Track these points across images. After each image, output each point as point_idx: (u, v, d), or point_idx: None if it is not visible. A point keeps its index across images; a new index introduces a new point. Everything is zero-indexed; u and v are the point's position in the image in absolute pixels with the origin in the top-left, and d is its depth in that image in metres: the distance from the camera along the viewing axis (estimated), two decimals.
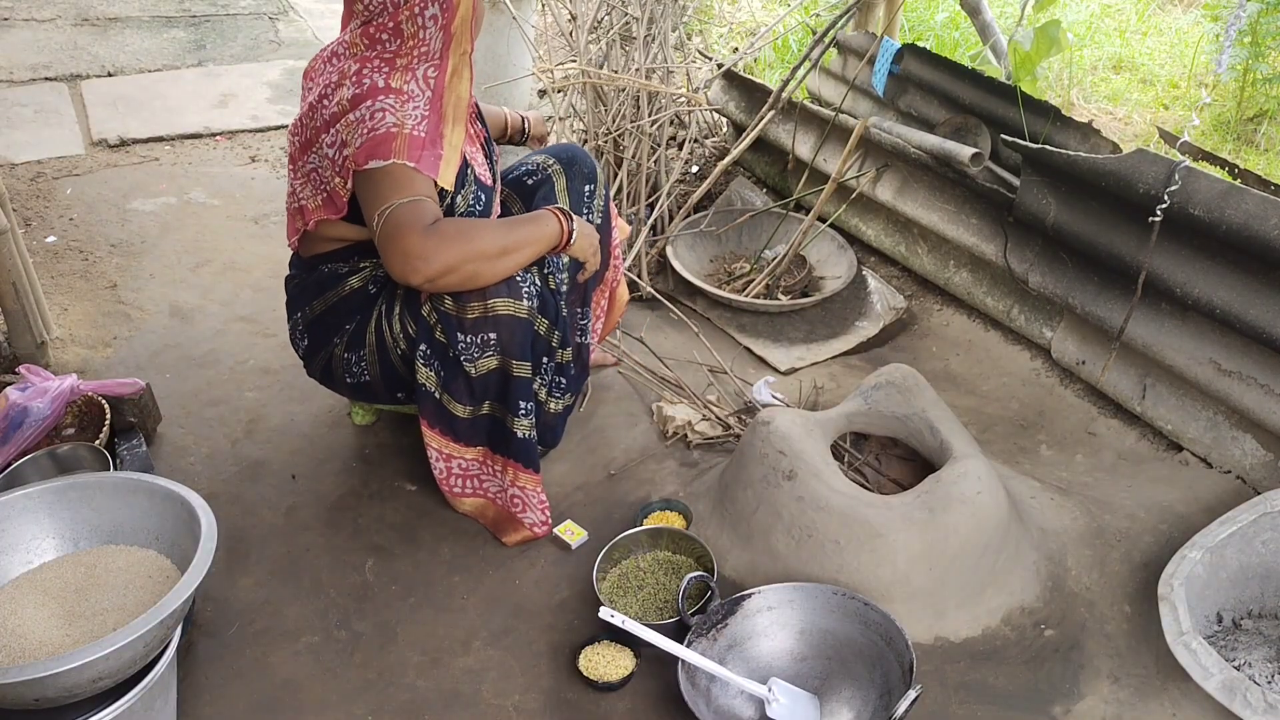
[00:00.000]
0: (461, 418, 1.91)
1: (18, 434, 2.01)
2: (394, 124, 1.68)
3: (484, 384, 1.86)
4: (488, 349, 1.81)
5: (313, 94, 1.81)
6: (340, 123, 1.72)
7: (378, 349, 1.93)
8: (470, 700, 1.70)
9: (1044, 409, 2.40)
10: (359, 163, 1.68)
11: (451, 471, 1.99)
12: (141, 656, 1.39)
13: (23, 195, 3.25)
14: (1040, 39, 3.15)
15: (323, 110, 1.76)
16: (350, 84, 1.73)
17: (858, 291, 2.85)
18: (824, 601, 1.73)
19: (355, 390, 2.03)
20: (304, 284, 1.99)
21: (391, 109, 1.69)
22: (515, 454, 1.92)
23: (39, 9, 4.95)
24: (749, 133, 3.06)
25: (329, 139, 1.75)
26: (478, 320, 1.78)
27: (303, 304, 1.99)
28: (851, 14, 3.15)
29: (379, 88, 1.71)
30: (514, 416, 1.89)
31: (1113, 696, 1.69)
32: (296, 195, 1.88)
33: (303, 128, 1.83)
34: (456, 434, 1.93)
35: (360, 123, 1.69)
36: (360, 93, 1.71)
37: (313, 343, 2.01)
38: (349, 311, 1.95)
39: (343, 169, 1.73)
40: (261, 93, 4.25)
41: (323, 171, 1.79)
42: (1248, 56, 3.89)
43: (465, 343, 1.81)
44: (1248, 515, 1.76)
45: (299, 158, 1.84)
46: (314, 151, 1.80)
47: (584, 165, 2.17)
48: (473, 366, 1.83)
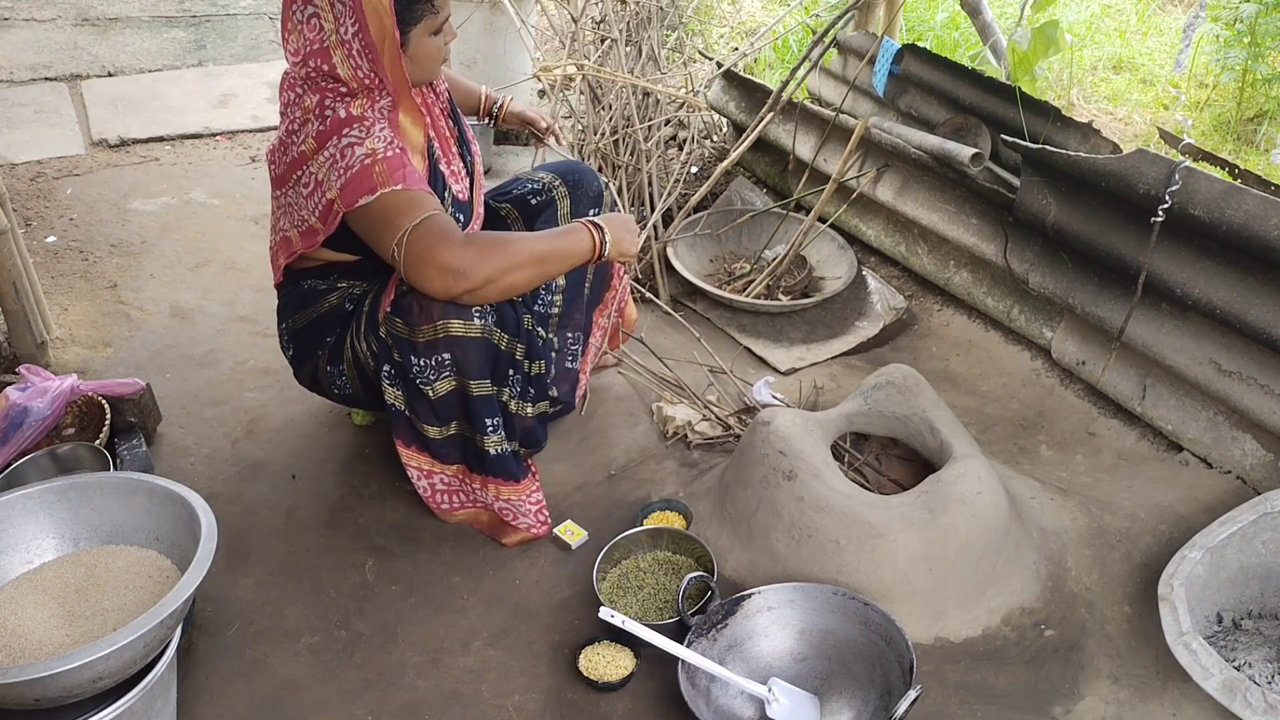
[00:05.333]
0: (433, 438, 1.89)
1: (18, 434, 2.01)
2: (366, 154, 1.66)
3: (446, 405, 1.84)
4: (444, 370, 1.78)
5: (284, 126, 1.78)
6: (312, 162, 1.70)
7: (354, 365, 1.93)
8: (470, 700, 1.70)
9: (1044, 409, 2.40)
10: (347, 204, 1.67)
11: (435, 488, 1.98)
12: (141, 656, 1.39)
13: (23, 195, 3.25)
14: (1038, 39, 3.16)
15: (293, 146, 1.73)
16: (315, 119, 1.70)
17: (858, 292, 2.85)
18: (824, 602, 1.73)
19: (344, 399, 2.04)
20: (289, 296, 1.99)
21: (359, 140, 1.67)
22: (491, 470, 1.90)
23: (39, 9, 4.95)
24: (749, 133, 3.06)
25: (303, 177, 1.73)
26: (430, 343, 1.75)
27: (288, 315, 2.00)
28: (851, 14, 3.15)
29: (340, 119, 1.68)
30: (481, 435, 1.86)
31: (1113, 696, 1.69)
32: (279, 224, 1.87)
33: (277, 159, 1.80)
34: (432, 452, 1.92)
35: (333, 163, 1.67)
36: (324, 129, 1.68)
37: (298, 353, 2.02)
38: (329, 326, 1.95)
39: (325, 210, 1.71)
40: (261, 93, 4.25)
41: (298, 208, 1.78)
42: (1247, 56, 3.89)
43: (420, 365, 1.78)
44: (1248, 515, 1.76)
45: (275, 189, 1.83)
46: (289, 186, 1.78)
47: (590, 188, 2.15)
48: (430, 389, 1.80)
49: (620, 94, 2.92)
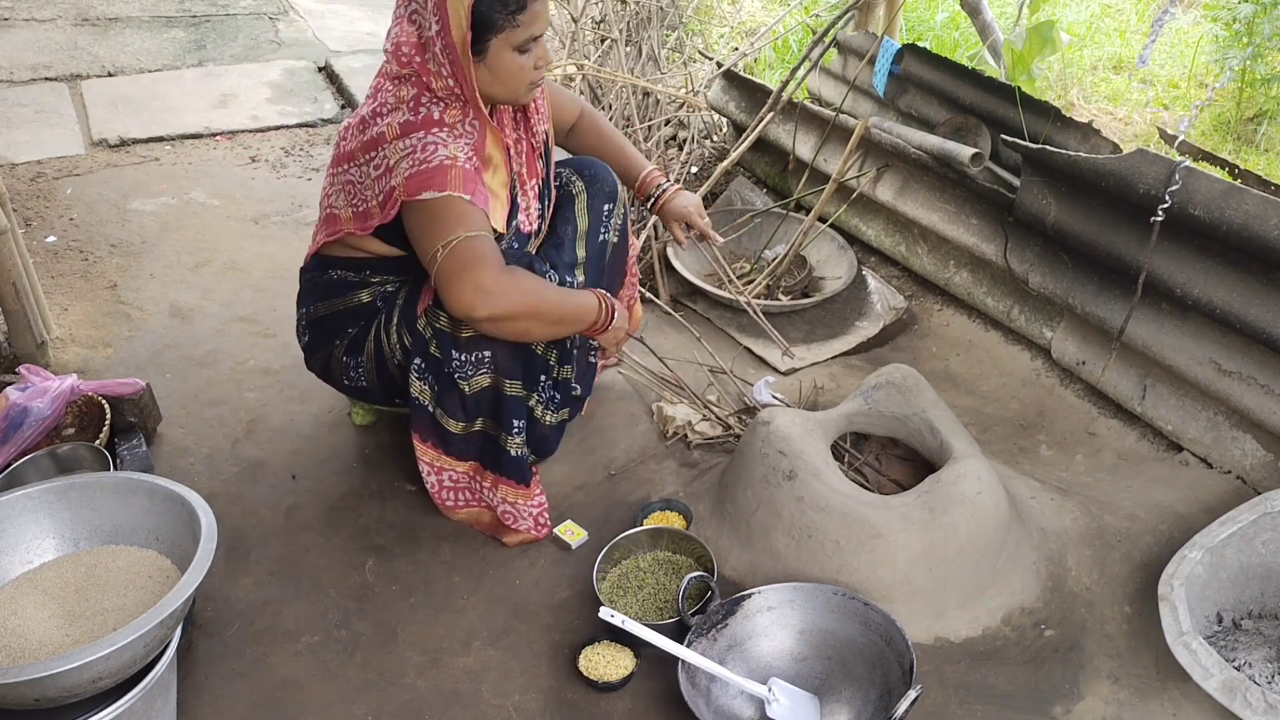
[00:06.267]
0: (454, 433, 1.90)
1: (18, 434, 2.01)
2: (447, 157, 1.68)
3: (477, 401, 1.86)
4: (482, 366, 1.81)
5: (368, 106, 1.80)
6: (388, 145, 1.71)
7: (375, 357, 1.93)
8: (470, 700, 1.70)
9: (1044, 409, 2.40)
10: (410, 193, 1.67)
11: (443, 485, 1.99)
12: (141, 656, 1.39)
13: (23, 195, 3.25)
14: (1033, 39, 3.15)
15: (374, 125, 1.74)
16: (406, 109, 1.71)
17: (858, 292, 2.85)
18: (824, 602, 1.73)
19: (352, 392, 2.05)
20: (315, 282, 1.99)
21: (443, 142, 1.68)
22: (506, 470, 1.91)
23: (39, 9, 4.95)
24: (749, 133, 3.06)
25: (375, 158, 1.73)
26: (473, 339, 1.78)
27: (310, 301, 2.00)
28: (851, 14, 3.15)
29: (433, 119, 1.70)
30: (506, 434, 1.88)
31: (1113, 696, 1.69)
32: (330, 200, 1.87)
33: (351, 135, 1.81)
34: (448, 448, 1.93)
35: (410, 152, 1.68)
36: (413, 120, 1.69)
37: (313, 340, 2.02)
38: (353, 318, 1.96)
39: (386, 196, 1.72)
40: (261, 93, 4.25)
41: (361, 187, 1.78)
42: (1247, 56, 3.89)
43: (460, 360, 1.80)
44: (1248, 515, 1.76)
45: (341, 162, 1.83)
46: (356, 164, 1.78)
47: (605, 184, 2.16)
48: (466, 384, 1.83)
49: (620, 94, 2.92)
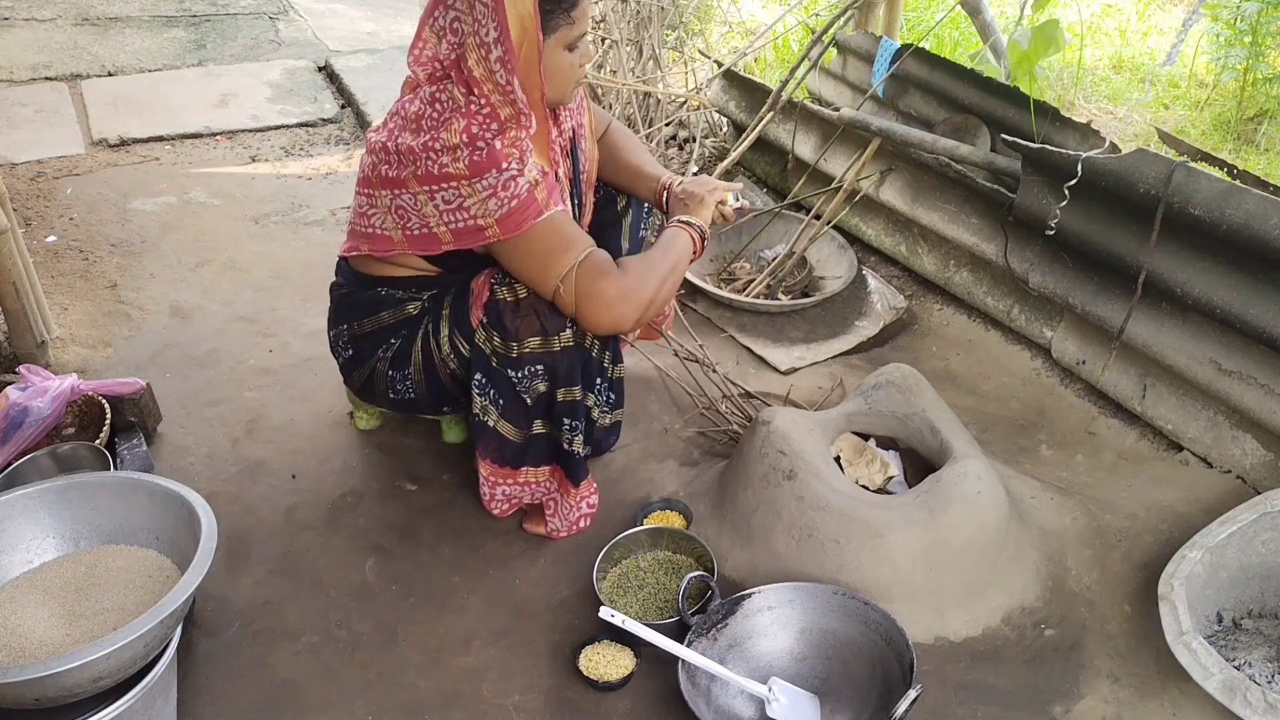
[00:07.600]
0: (512, 440, 1.88)
1: (18, 434, 2.01)
2: (528, 184, 1.68)
3: (537, 405, 1.85)
4: (537, 377, 1.81)
5: (408, 131, 1.71)
6: (459, 183, 1.67)
7: (424, 368, 1.89)
8: (470, 700, 1.70)
9: (1044, 409, 2.40)
10: (508, 231, 1.68)
11: (495, 496, 1.97)
12: (141, 656, 1.39)
13: (23, 195, 3.25)
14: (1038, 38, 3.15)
15: (428, 161, 1.67)
16: (465, 147, 1.65)
17: (858, 291, 2.85)
18: (824, 601, 1.73)
19: (396, 404, 1.99)
20: (356, 299, 1.93)
21: (519, 172, 1.67)
22: (566, 467, 1.92)
23: (39, 9, 4.96)
24: (749, 133, 3.06)
25: (445, 193, 1.68)
26: (524, 355, 1.78)
27: (351, 318, 1.94)
28: (851, 14, 3.15)
29: (497, 152, 1.65)
30: (562, 432, 1.88)
31: (1113, 696, 1.69)
32: (371, 221, 1.81)
33: (393, 160, 1.72)
34: (504, 458, 1.91)
35: (491, 193, 1.66)
36: (481, 160, 1.65)
37: (356, 355, 1.96)
38: (393, 330, 1.92)
39: (468, 231, 1.70)
40: (261, 93, 4.25)
41: (420, 215, 1.73)
42: (1247, 56, 3.89)
43: (519, 376, 1.80)
44: (1248, 515, 1.76)
45: (385, 185, 1.74)
46: (409, 192, 1.71)
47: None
48: (528, 395, 1.82)
49: (621, 94, 2.92)
